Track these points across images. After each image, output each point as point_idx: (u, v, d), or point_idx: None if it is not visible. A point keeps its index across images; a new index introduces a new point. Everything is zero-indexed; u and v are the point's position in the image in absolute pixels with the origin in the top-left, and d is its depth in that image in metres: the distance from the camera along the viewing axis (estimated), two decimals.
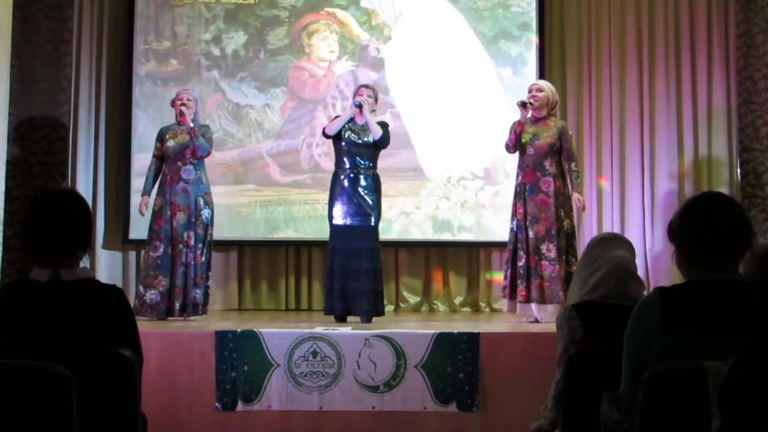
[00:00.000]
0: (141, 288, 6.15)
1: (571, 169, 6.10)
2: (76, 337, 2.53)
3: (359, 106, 6.05)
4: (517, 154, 6.17)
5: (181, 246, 6.14)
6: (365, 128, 6.08)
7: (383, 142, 6.08)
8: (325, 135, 6.18)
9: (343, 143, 6.08)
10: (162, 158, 6.33)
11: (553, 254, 5.94)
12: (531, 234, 5.98)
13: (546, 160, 6.03)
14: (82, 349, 2.49)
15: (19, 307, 2.57)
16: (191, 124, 6.20)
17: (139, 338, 2.69)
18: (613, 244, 3.12)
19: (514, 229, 6.09)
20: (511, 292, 6.03)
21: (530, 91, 6.15)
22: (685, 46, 7.50)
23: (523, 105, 6.06)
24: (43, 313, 2.55)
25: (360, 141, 6.07)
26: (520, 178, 6.11)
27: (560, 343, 3.03)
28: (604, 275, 3.03)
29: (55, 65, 7.02)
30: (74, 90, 7.37)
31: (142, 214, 6.36)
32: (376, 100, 6.21)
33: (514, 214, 6.11)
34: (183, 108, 6.23)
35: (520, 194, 6.07)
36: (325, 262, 7.17)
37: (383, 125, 6.15)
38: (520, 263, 6.01)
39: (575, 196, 6.08)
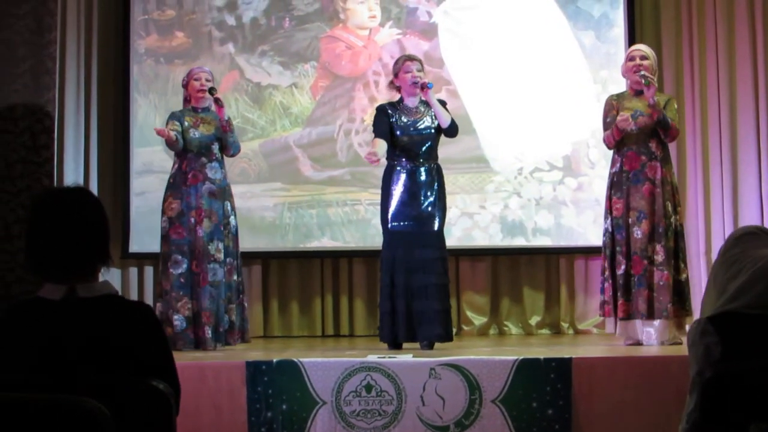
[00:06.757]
0: (170, 312, 6.09)
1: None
2: (99, 366, 2.53)
3: (423, 88, 5.99)
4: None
5: (206, 261, 6.11)
6: (420, 110, 6.07)
7: (454, 129, 6.07)
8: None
9: (398, 132, 6.04)
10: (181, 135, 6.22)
11: (661, 257, 5.98)
12: (638, 234, 5.99)
13: (652, 141, 6.04)
14: (110, 382, 2.48)
15: (31, 331, 2.57)
16: (226, 117, 6.19)
17: (175, 366, 2.68)
18: (759, 240, 3.07)
19: (610, 229, 6.09)
20: (615, 309, 6.04)
21: (632, 59, 6.09)
22: None
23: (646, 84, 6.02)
24: (59, 337, 2.55)
25: (420, 126, 6.06)
26: (617, 165, 6.10)
27: (693, 365, 2.99)
28: (747, 280, 2.98)
29: (38, 41, 7.06)
30: (60, 72, 7.41)
31: (166, 135, 6.10)
32: None
33: (609, 211, 6.10)
34: (217, 96, 6.16)
35: (619, 185, 6.06)
36: (369, 277, 7.15)
37: (443, 104, 6.14)
38: (619, 271, 6.01)
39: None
